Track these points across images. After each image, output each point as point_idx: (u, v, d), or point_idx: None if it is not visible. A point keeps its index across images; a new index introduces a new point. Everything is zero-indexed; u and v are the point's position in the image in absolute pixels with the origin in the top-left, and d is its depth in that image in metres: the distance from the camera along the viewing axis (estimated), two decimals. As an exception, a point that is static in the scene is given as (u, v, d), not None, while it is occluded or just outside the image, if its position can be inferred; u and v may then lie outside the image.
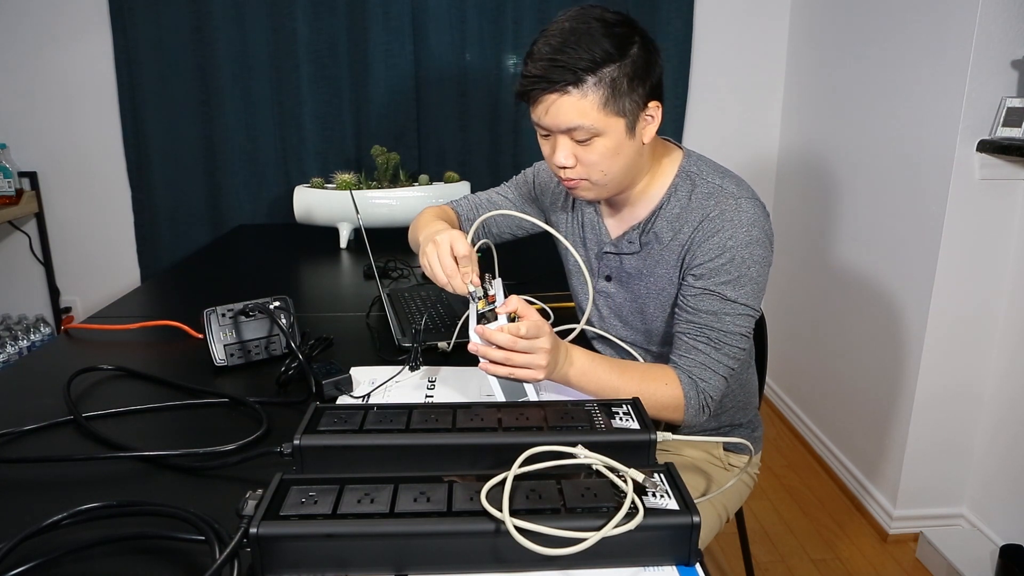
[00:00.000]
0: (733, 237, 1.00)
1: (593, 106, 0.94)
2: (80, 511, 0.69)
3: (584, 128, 0.95)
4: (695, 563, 0.65)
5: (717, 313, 1.01)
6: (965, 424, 1.86)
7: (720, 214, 1.02)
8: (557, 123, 0.96)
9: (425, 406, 0.85)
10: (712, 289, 1.01)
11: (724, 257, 1.00)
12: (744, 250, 1.00)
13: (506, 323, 0.88)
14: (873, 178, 2.04)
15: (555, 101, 0.95)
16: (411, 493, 0.66)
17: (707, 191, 1.05)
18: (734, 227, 1.00)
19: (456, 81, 2.37)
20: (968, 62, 1.63)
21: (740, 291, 1.00)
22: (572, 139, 0.98)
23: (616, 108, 0.95)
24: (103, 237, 2.47)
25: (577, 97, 0.94)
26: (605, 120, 0.95)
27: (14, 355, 2.26)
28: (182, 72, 2.30)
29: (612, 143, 0.98)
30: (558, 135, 0.98)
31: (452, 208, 1.37)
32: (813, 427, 2.44)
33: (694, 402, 1.01)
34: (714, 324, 1.01)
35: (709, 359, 1.02)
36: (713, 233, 1.01)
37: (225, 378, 1.11)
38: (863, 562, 1.88)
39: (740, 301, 1.01)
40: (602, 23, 0.94)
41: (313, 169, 2.38)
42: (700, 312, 1.02)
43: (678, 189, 1.07)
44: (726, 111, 2.55)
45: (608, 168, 1.00)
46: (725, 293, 1.00)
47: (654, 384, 1.00)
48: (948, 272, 1.75)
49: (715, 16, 2.45)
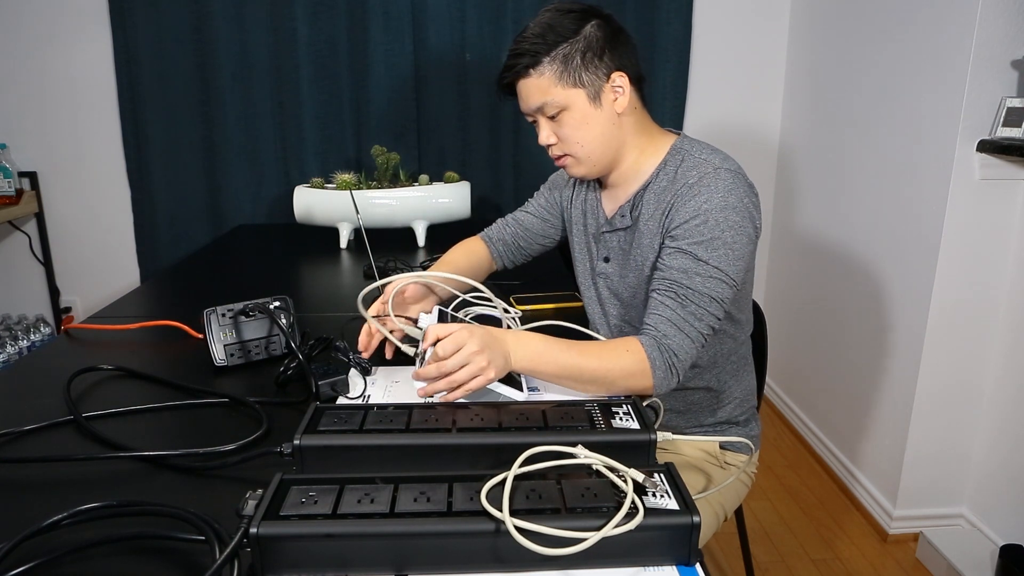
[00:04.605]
0: (709, 200, 1.02)
1: (550, 82, 1.05)
2: (80, 511, 0.69)
3: (549, 103, 1.06)
4: (695, 563, 0.65)
5: (687, 271, 1.01)
6: (965, 424, 1.86)
7: (699, 180, 1.04)
8: (528, 105, 1.09)
9: (425, 406, 0.85)
10: (684, 248, 1.02)
11: (699, 219, 1.02)
12: (719, 213, 1.01)
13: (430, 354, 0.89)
14: (873, 178, 2.04)
15: (522, 86, 1.08)
16: (411, 493, 0.66)
17: (692, 164, 1.08)
18: (710, 191, 1.03)
19: (456, 81, 2.37)
20: (968, 62, 1.63)
21: (712, 253, 1.01)
22: (546, 117, 1.09)
23: (572, 80, 1.05)
24: (103, 237, 2.47)
25: (535, 77, 1.06)
26: (564, 93, 1.06)
27: (14, 355, 2.26)
28: (182, 72, 2.30)
29: (578, 114, 1.07)
30: (538, 117, 1.10)
31: (482, 238, 1.41)
32: (813, 427, 2.44)
33: (659, 363, 0.96)
34: (683, 281, 1.01)
35: (675, 315, 0.99)
36: (691, 197, 1.03)
37: (225, 378, 1.11)
38: (863, 562, 1.88)
39: (712, 263, 1.01)
40: (558, 12, 1.06)
41: (313, 169, 2.38)
42: (671, 268, 1.02)
43: (667, 164, 1.11)
44: (725, 111, 2.55)
45: (582, 139, 1.08)
46: (697, 253, 1.01)
47: (615, 353, 0.96)
48: (948, 272, 1.75)
49: (715, 16, 2.45)
